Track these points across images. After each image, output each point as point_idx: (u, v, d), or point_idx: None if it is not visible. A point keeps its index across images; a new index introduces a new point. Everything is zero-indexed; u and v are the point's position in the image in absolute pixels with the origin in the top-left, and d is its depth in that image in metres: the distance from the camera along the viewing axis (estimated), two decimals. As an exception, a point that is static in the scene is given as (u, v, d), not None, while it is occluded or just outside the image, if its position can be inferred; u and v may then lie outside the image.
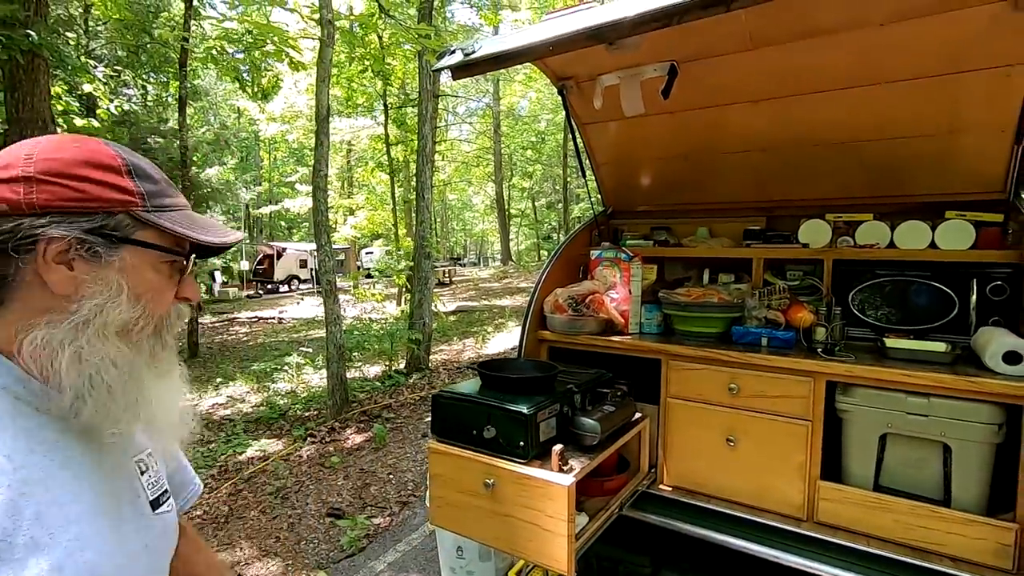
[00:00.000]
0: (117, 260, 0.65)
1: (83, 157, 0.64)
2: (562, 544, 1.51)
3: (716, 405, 1.99)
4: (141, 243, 0.66)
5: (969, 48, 1.75)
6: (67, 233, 0.61)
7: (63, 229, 0.61)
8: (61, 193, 0.61)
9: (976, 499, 1.64)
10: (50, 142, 0.65)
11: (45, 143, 0.64)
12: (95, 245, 0.63)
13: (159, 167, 0.72)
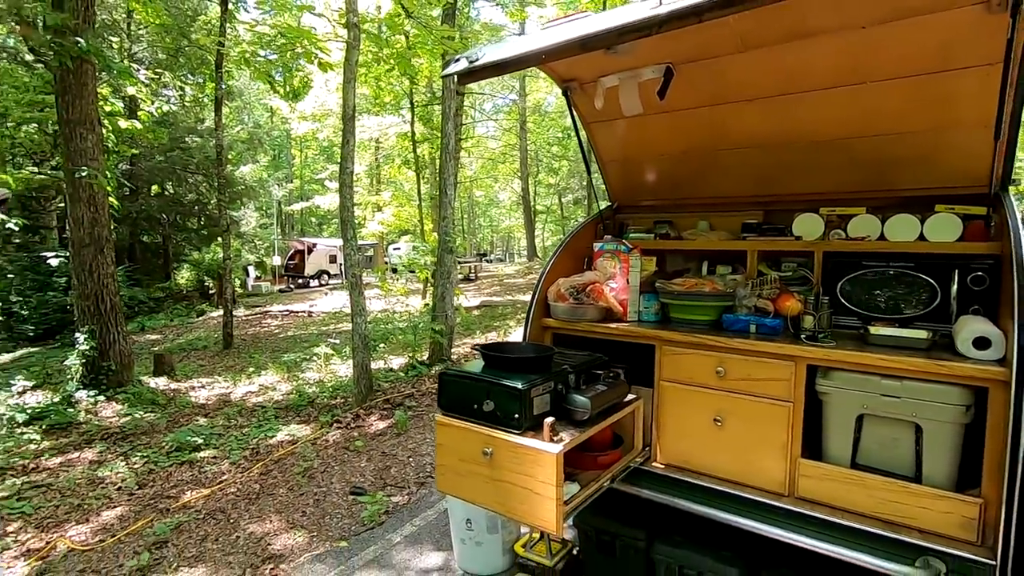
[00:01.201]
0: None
1: None
2: (551, 507, 1.67)
3: (705, 387, 2.12)
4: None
5: (949, 49, 1.84)
6: None
7: None
8: None
9: (945, 476, 1.74)
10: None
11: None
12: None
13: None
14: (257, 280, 22.35)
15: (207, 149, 17.61)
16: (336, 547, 3.14)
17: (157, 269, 18.91)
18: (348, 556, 3.01)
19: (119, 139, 10.01)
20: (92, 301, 6.78)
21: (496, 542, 2.69)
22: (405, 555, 2.97)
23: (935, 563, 1.65)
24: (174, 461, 4.88)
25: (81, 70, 6.98)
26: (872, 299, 2.16)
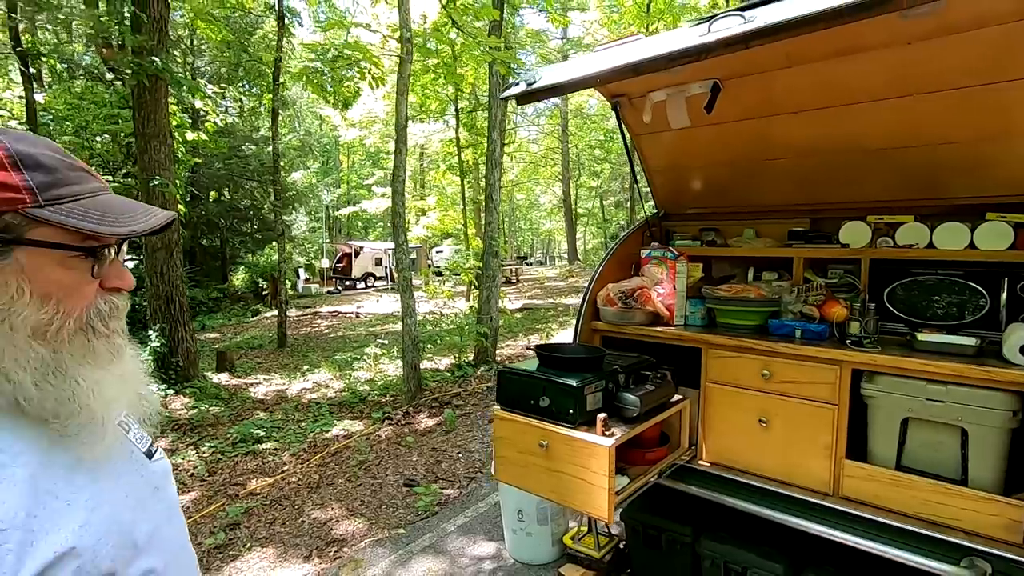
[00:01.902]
0: (12, 262, 0.61)
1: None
2: (603, 496, 1.81)
3: (751, 389, 2.21)
4: (37, 243, 0.62)
5: (998, 61, 1.87)
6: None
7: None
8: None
9: (991, 479, 1.78)
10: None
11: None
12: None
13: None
14: (306, 282, 23.23)
15: (262, 156, 18.51)
16: (394, 534, 3.35)
17: (215, 271, 19.95)
18: (406, 542, 3.22)
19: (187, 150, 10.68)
20: (163, 301, 7.30)
21: (546, 533, 2.83)
22: (459, 543, 3.15)
23: (980, 563, 1.69)
24: (239, 451, 5.23)
25: (156, 87, 7.53)
26: (920, 306, 2.20)
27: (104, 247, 0.68)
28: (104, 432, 0.70)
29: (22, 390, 0.62)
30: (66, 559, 0.60)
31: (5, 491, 0.59)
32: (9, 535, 0.57)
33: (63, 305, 0.64)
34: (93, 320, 0.68)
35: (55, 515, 0.61)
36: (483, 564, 2.92)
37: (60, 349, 0.65)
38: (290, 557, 3.24)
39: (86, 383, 0.66)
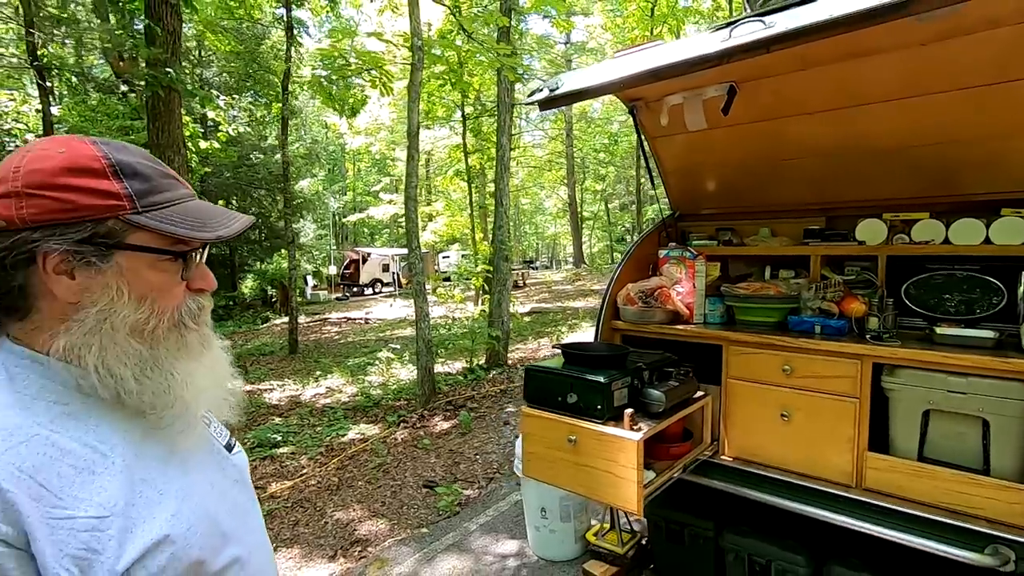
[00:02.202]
0: (113, 266, 0.65)
1: (65, 164, 0.63)
2: (632, 488, 1.86)
3: (772, 385, 2.25)
4: (134, 247, 0.66)
5: (1012, 59, 1.92)
6: (59, 246, 0.62)
7: (55, 242, 0.62)
8: (47, 206, 0.62)
9: (1013, 468, 1.82)
10: (37, 150, 0.65)
11: (33, 152, 0.65)
12: (88, 255, 0.64)
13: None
14: (315, 289, 23.39)
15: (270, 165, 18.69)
16: (417, 533, 3.41)
17: (224, 279, 20.12)
18: (430, 541, 3.27)
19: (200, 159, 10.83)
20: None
21: (569, 530, 2.88)
22: (482, 541, 3.20)
23: (1004, 550, 1.73)
24: (257, 456, 5.30)
25: (169, 98, 7.66)
26: (937, 301, 2.24)
27: (192, 251, 0.72)
28: (196, 422, 0.75)
29: (123, 384, 0.66)
30: (161, 546, 0.64)
31: (106, 480, 0.63)
32: (111, 522, 0.61)
33: (157, 305, 0.69)
34: (184, 318, 0.72)
35: (150, 504, 0.65)
36: (507, 561, 2.97)
37: (156, 345, 0.69)
38: (315, 557, 3.30)
39: (180, 375, 0.71)
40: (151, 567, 0.62)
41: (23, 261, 0.62)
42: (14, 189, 0.62)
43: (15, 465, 0.58)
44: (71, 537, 0.58)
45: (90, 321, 0.65)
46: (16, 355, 0.65)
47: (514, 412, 5.86)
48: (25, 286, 0.64)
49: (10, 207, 0.62)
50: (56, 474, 0.60)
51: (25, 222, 0.62)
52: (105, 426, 0.66)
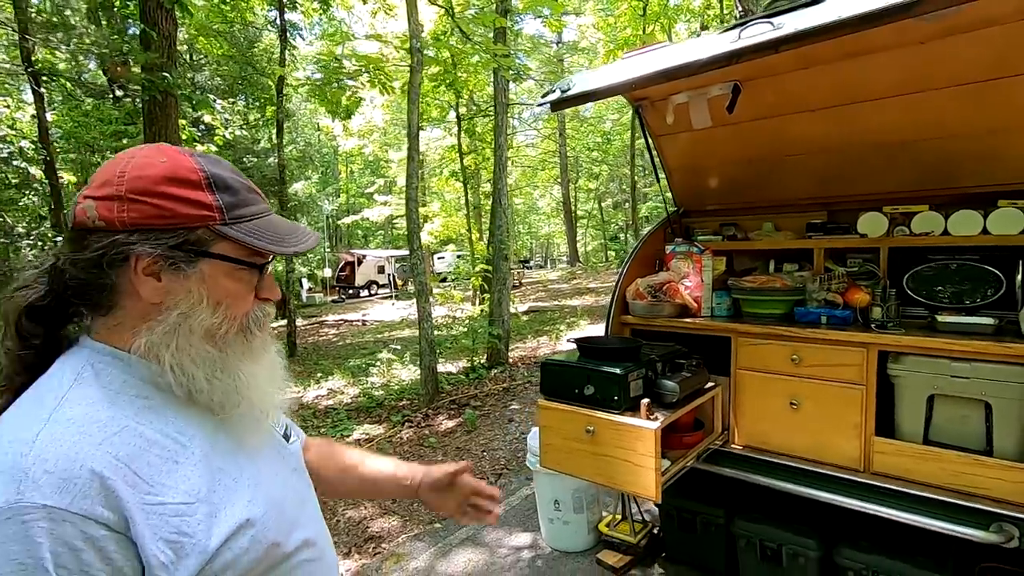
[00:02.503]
0: (197, 272, 0.70)
1: (167, 173, 0.67)
2: (651, 476, 1.92)
3: (780, 374, 2.32)
4: (218, 256, 0.71)
5: (1007, 57, 2.00)
6: (153, 250, 0.66)
7: (150, 246, 0.66)
8: (147, 212, 0.66)
9: (1015, 448, 1.89)
10: (140, 158, 0.69)
11: (137, 159, 0.68)
12: (177, 260, 0.68)
13: (248, 176, 0.75)
14: (310, 291, 23.34)
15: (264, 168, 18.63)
16: (430, 529, 3.45)
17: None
18: (444, 536, 3.32)
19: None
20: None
21: (582, 521, 2.94)
22: (496, 535, 3.25)
23: (1008, 528, 1.80)
24: (264, 457, 5.32)
25: (166, 102, 7.66)
26: (938, 290, 2.32)
27: (267, 263, 0.77)
28: (260, 418, 0.79)
29: (195, 383, 0.70)
30: (243, 529, 0.68)
31: (189, 470, 0.67)
32: (196, 508, 0.65)
33: (230, 311, 0.73)
34: (251, 325, 0.77)
35: (228, 491, 0.69)
36: (522, 553, 3.02)
37: (225, 349, 0.73)
38: (330, 554, 3.33)
39: (245, 376, 0.75)
40: (235, 549, 0.67)
41: (118, 261, 0.66)
42: (118, 193, 0.66)
43: (112, 454, 0.61)
44: (163, 522, 0.62)
45: (171, 322, 0.69)
46: (99, 352, 0.69)
47: (518, 409, 5.92)
48: (115, 284, 0.68)
49: (112, 209, 0.66)
50: (146, 463, 0.64)
51: (124, 224, 0.66)
52: (182, 420, 0.70)
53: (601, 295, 15.17)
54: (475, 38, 6.36)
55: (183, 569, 0.62)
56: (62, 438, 0.60)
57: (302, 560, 0.77)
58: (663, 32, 14.65)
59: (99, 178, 0.68)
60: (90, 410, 0.64)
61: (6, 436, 0.61)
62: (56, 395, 0.64)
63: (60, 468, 0.58)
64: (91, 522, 0.57)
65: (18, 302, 0.69)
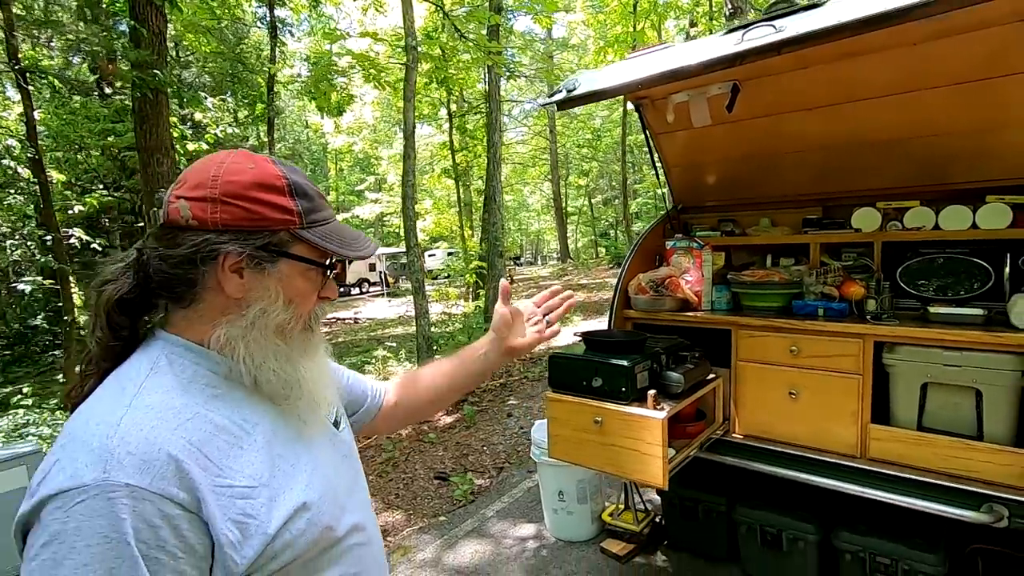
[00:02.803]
0: (277, 271, 0.75)
1: (256, 179, 0.73)
2: (658, 464, 1.98)
3: (780, 365, 2.40)
4: (296, 257, 0.76)
5: (996, 58, 2.08)
6: (241, 249, 0.72)
7: (239, 245, 0.72)
8: (237, 214, 0.72)
9: (1005, 433, 1.98)
10: (231, 163, 0.74)
11: (228, 165, 0.73)
12: (261, 259, 0.74)
13: (314, 183, 0.79)
14: (301, 290, 23.15)
15: (253, 166, 18.48)
16: (435, 522, 3.51)
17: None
18: (449, 528, 3.37)
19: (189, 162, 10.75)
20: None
21: (586, 511, 3.01)
22: (500, 526, 3.31)
23: (998, 508, 1.89)
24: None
25: (157, 100, 7.60)
26: (930, 282, 2.41)
27: (330, 266, 0.82)
28: (317, 409, 0.84)
29: (263, 374, 0.75)
30: (300, 513, 0.72)
31: (252, 455, 0.71)
32: (260, 491, 0.69)
33: (298, 309, 0.79)
34: (312, 322, 0.82)
35: (287, 477, 0.73)
36: (527, 543, 3.09)
37: (291, 344, 0.79)
38: (337, 548, 3.38)
39: (306, 371, 0.80)
40: (293, 531, 0.71)
41: (208, 258, 0.71)
42: (212, 195, 0.71)
43: (186, 439, 0.65)
44: (231, 503, 0.66)
45: (250, 317, 0.74)
46: (172, 343, 0.74)
47: (516, 404, 5.98)
48: (200, 280, 0.73)
49: (206, 210, 0.71)
50: (215, 448, 0.68)
51: (217, 225, 0.71)
52: (247, 408, 0.75)
53: (593, 291, 15.26)
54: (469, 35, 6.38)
55: (248, 548, 0.66)
56: (142, 423, 0.64)
57: (352, 544, 0.82)
58: (653, 29, 14.74)
59: (192, 180, 0.73)
60: (165, 397, 0.68)
61: (93, 419, 0.65)
62: (135, 383, 0.69)
63: (141, 450, 0.62)
64: (168, 501, 0.61)
65: (110, 295, 0.74)
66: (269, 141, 11.75)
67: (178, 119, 11.93)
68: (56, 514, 0.58)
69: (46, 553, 0.58)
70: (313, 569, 0.75)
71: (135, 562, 0.58)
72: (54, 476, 0.61)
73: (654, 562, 2.80)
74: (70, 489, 0.59)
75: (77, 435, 0.64)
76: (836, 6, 1.72)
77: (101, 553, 0.57)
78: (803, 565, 2.40)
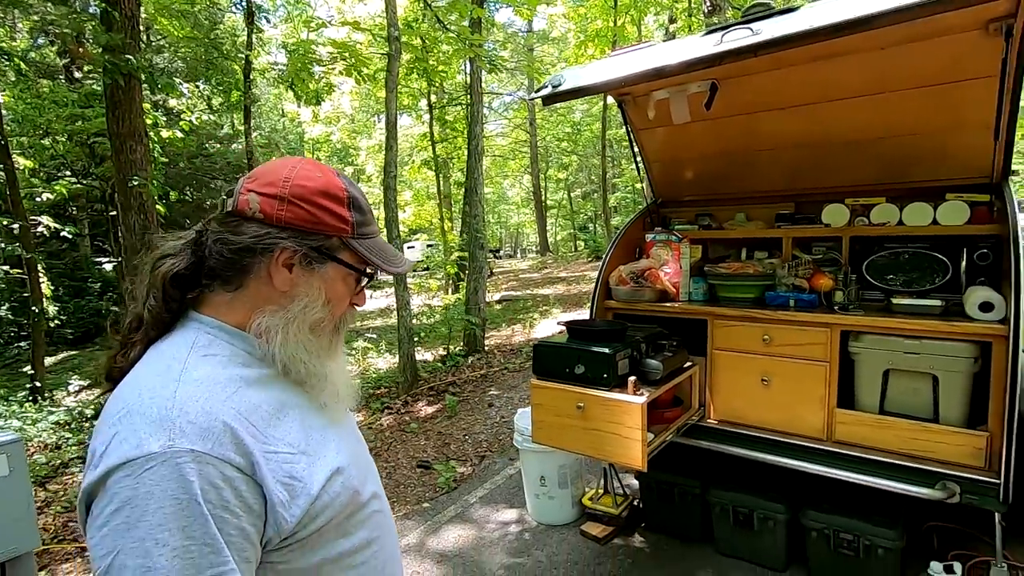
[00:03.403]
0: (323, 272, 0.81)
1: (323, 188, 0.80)
2: (638, 447, 2.08)
3: (753, 353, 2.51)
4: (343, 262, 0.83)
5: (956, 64, 2.21)
6: (298, 247, 0.79)
7: (296, 243, 0.78)
8: (301, 215, 0.78)
9: (958, 416, 2.13)
10: (302, 169, 0.81)
11: (300, 170, 0.80)
12: (312, 259, 0.80)
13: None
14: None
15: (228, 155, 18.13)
16: (419, 508, 3.57)
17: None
18: (432, 514, 3.44)
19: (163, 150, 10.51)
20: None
21: (567, 496, 3.10)
22: (483, 511, 3.39)
23: (951, 485, 2.03)
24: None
25: (129, 85, 7.41)
26: (893, 275, 2.54)
27: (369, 276, 0.88)
28: (341, 402, 0.90)
29: (295, 364, 0.81)
30: (335, 476, 0.79)
31: (289, 426, 0.77)
32: (299, 457, 0.75)
33: (334, 310, 0.85)
34: (341, 324, 0.89)
35: (319, 445, 0.79)
36: (509, 527, 3.17)
37: (321, 341, 0.84)
38: (321, 536, 3.41)
39: (331, 368, 0.86)
40: (331, 492, 0.77)
41: (266, 249, 0.77)
42: (281, 194, 0.78)
43: (235, 409, 0.71)
44: (279, 467, 0.72)
45: (293, 310, 0.80)
46: (207, 324, 0.79)
47: (497, 395, 6.06)
48: (254, 267, 0.78)
49: (273, 206, 0.77)
50: (259, 418, 0.73)
51: (280, 221, 0.77)
52: (277, 388, 0.80)
53: (572, 284, 15.40)
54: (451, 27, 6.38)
55: (296, 507, 0.72)
56: (196, 395, 0.69)
57: (374, 511, 0.88)
58: (633, 24, 14.84)
59: (265, 177, 0.79)
60: (211, 371, 0.73)
61: (146, 393, 0.69)
62: (179, 360, 0.73)
63: (200, 420, 0.67)
64: (227, 464, 0.66)
65: (168, 269, 0.78)
66: (246, 129, 11.55)
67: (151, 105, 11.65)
68: (125, 481, 0.62)
69: (118, 519, 0.61)
70: (343, 531, 0.81)
71: (205, 520, 0.63)
72: (117, 447, 0.64)
73: (632, 543, 2.91)
74: (137, 458, 0.63)
75: (133, 408, 0.67)
76: (810, 11, 1.81)
77: (174, 513, 0.62)
78: (773, 543, 2.53)
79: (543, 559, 2.84)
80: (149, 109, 9.13)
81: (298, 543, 0.74)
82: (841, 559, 2.33)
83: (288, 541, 0.73)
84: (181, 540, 0.61)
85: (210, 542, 0.63)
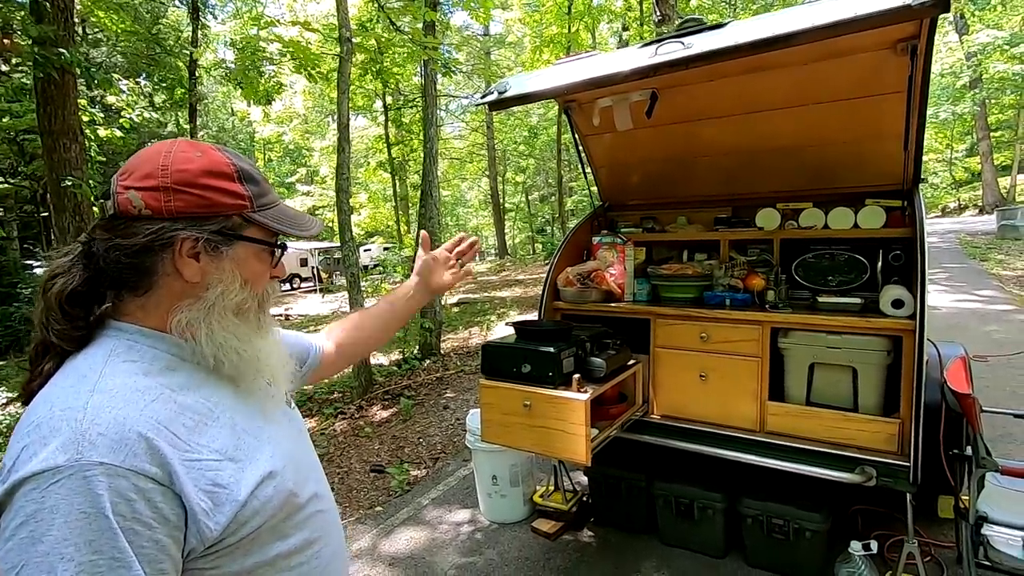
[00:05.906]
0: (232, 253, 0.79)
1: (206, 167, 0.76)
2: (582, 443, 2.14)
3: (692, 350, 2.63)
4: (250, 239, 0.81)
5: (869, 80, 2.39)
6: (197, 235, 0.75)
7: (194, 231, 0.75)
8: (192, 201, 0.75)
9: (875, 405, 2.30)
10: (177, 152, 0.76)
11: (174, 154, 0.76)
12: (216, 243, 0.77)
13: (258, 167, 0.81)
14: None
15: (172, 154, 17.39)
16: (371, 512, 3.55)
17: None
18: (385, 518, 3.43)
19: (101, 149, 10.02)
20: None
21: (518, 494, 3.15)
22: (436, 513, 3.40)
23: (868, 469, 2.19)
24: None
25: (63, 81, 7.05)
26: (819, 275, 2.72)
27: (281, 246, 0.86)
28: (275, 387, 0.88)
29: (226, 355, 0.78)
30: (267, 480, 0.77)
31: (216, 431, 0.75)
32: (226, 464, 0.73)
33: (253, 289, 0.82)
34: (264, 301, 0.86)
35: (251, 449, 0.77)
36: (462, 528, 3.20)
37: (247, 324, 0.82)
38: (270, 544, 3.35)
39: (261, 351, 0.83)
40: (261, 497, 0.76)
41: (165, 245, 0.74)
42: (163, 184, 0.73)
43: (153, 419, 0.68)
44: (201, 475, 0.70)
45: (209, 299, 0.77)
46: (127, 331, 0.76)
47: (452, 397, 6.07)
48: (155, 267, 0.75)
49: (159, 199, 0.73)
50: (181, 425, 0.71)
51: (171, 212, 0.74)
52: (208, 388, 0.78)
53: (529, 287, 15.54)
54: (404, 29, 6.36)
55: (220, 515, 0.70)
56: (109, 405, 0.67)
57: (314, 511, 0.88)
58: (587, 31, 15.15)
59: (139, 170, 0.75)
60: (128, 380, 0.71)
61: (58, 406, 0.66)
62: (95, 370, 0.71)
63: (111, 431, 0.64)
64: (141, 476, 0.64)
65: (61, 288, 0.75)
66: (191, 128, 11.17)
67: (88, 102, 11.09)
68: (32, 495, 0.61)
69: (23, 532, 0.60)
70: (280, 534, 0.80)
71: (114, 534, 0.61)
72: (25, 461, 0.62)
73: (581, 538, 2.99)
74: (44, 471, 0.61)
75: (43, 421, 0.65)
76: (736, 28, 1.93)
77: (80, 527, 0.60)
78: (712, 531, 2.65)
79: (495, 557, 2.88)
80: (85, 105, 8.71)
81: (227, 549, 0.73)
82: (774, 543, 2.47)
83: (215, 548, 0.71)
84: (87, 555, 0.60)
85: (119, 556, 0.62)
